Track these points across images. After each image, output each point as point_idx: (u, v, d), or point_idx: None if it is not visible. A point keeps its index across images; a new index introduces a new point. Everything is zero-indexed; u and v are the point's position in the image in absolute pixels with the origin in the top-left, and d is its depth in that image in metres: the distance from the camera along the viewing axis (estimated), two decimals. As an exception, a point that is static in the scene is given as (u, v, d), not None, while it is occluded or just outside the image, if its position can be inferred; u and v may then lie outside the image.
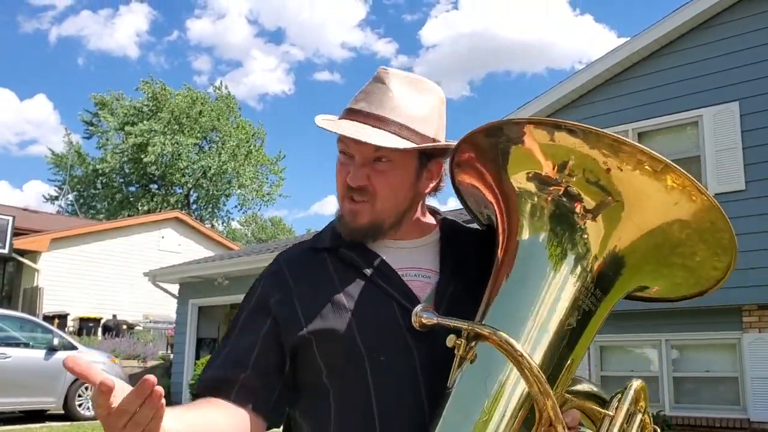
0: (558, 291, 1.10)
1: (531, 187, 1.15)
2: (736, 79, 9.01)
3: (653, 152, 1.04)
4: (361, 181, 1.27)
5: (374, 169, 1.28)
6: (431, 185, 1.35)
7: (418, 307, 1.10)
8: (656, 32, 9.61)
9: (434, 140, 1.31)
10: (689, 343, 9.35)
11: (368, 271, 1.28)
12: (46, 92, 60.22)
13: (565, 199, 1.12)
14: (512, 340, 0.99)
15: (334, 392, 1.22)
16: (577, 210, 1.11)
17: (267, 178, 38.35)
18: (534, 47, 54.62)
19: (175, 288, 15.20)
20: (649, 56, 9.81)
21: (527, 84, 55.49)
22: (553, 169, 1.12)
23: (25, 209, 24.72)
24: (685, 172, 1.05)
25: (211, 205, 38.07)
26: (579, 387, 1.19)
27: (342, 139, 1.30)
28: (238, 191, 37.48)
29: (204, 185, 36.66)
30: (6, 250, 17.94)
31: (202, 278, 14.23)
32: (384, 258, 1.30)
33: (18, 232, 18.52)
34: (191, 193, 37.25)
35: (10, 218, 18.17)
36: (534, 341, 1.08)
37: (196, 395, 1.28)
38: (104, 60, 54.35)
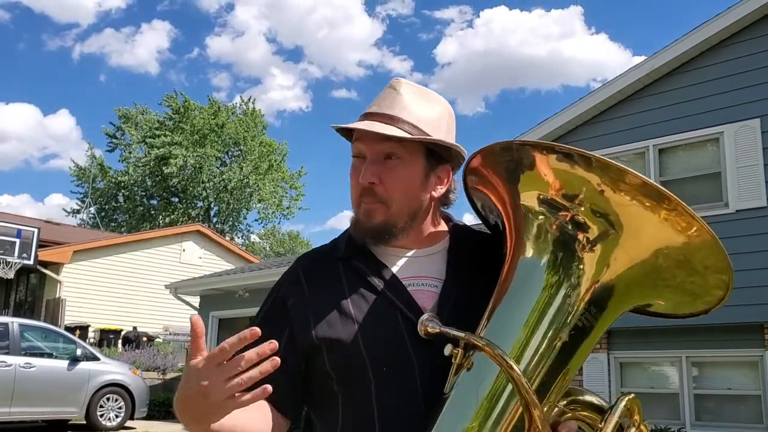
0: (552, 308, 1.14)
1: (540, 209, 1.19)
2: (757, 96, 8.98)
3: (656, 184, 1.09)
4: (372, 178, 1.30)
5: (385, 166, 1.31)
6: (441, 190, 1.38)
7: (424, 316, 1.16)
8: (677, 49, 9.61)
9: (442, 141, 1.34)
10: (711, 360, 9.28)
11: (377, 282, 1.31)
12: (69, 108, 60.87)
13: (570, 227, 1.15)
14: (503, 352, 1.04)
15: (341, 398, 1.28)
16: (580, 238, 1.15)
17: (287, 193, 38.59)
18: (549, 65, 54.59)
19: (195, 300, 15.33)
20: (669, 73, 9.80)
21: (542, 100, 55.48)
22: (563, 195, 1.16)
23: (48, 221, 25.01)
24: (684, 205, 1.09)
25: (231, 219, 38.28)
26: (584, 398, 1.22)
27: (356, 141, 1.34)
28: (259, 205, 37.69)
29: (225, 199, 36.90)
30: (31, 262, 18.20)
31: (223, 291, 14.33)
32: (392, 268, 1.34)
33: (41, 244, 18.77)
34: (212, 206, 37.50)
35: (36, 230, 18.49)
36: (526, 354, 1.12)
37: None
38: (125, 76, 55.09)
